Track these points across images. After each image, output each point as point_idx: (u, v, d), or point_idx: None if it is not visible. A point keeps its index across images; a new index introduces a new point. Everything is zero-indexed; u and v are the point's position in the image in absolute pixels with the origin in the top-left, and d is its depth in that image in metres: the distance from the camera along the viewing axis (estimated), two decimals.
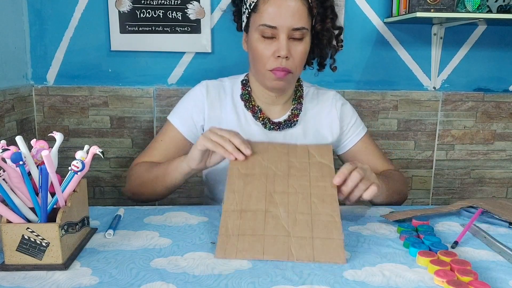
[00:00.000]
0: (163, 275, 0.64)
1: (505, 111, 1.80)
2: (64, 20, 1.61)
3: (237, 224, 0.73)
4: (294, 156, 0.86)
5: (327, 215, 0.75)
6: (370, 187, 0.81)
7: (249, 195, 0.78)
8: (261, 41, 0.95)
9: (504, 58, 1.75)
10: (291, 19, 0.92)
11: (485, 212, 0.88)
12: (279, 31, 0.93)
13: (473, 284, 0.60)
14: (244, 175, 0.81)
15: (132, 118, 1.71)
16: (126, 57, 1.66)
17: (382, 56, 1.72)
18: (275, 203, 0.77)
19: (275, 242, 0.71)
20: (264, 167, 0.83)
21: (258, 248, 0.70)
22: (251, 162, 0.83)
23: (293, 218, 0.74)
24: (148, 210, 0.92)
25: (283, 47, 0.93)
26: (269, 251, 0.69)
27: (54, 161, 0.70)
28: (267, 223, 0.73)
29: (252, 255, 0.69)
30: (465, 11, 1.49)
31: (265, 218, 0.74)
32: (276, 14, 0.92)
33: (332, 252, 0.69)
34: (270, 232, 0.72)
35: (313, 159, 0.85)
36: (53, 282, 0.62)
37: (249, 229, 0.73)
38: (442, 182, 1.85)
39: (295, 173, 0.82)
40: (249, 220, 0.74)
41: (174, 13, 1.61)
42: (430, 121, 1.78)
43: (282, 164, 0.84)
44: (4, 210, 0.65)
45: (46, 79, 1.66)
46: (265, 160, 0.84)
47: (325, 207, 0.76)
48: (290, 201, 0.77)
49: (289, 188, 0.79)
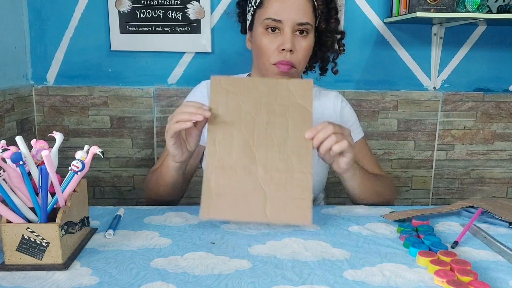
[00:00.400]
0: (163, 275, 0.64)
1: (505, 111, 1.80)
2: (64, 20, 1.61)
3: (219, 183, 0.79)
4: (274, 96, 0.84)
5: (301, 172, 0.80)
6: (342, 140, 0.80)
7: (229, 149, 0.81)
8: (265, 35, 0.96)
9: (504, 58, 1.75)
10: (296, 14, 0.93)
11: (485, 212, 0.88)
12: (284, 25, 0.94)
13: (473, 284, 0.60)
14: (224, 123, 0.82)
15: (132, 118, 1.71)
16: (126, 57, 1.66)
17: (382, 56, 1.72)
18: (253, 159, 0.81)
19: (253, 203, 0.79)
20: (243, 113, 0.83)
21: (237, 210, 0.78)
22: (231, 107, 0.83)
23: (270, 176, 0.80)
24: (148, 210, 0.92)
25: (287, 40, 0.93)
26: (247, 213, 0.78)
27: (54, 161, 0.70)
28: (246, 183, 0.79)
29: (233, 216, 0.79)
30: (465, 11, 1.49)
31: (244, 176, 0.80)
32: (282, 8, 0.94)
33: (300, 213, 0.78)
34: (248, 192, 0.79)
35: (293, 100, 0.84)
36: (53, 282, 0.62)
37: (230, 189, 0.79)
38: (442, 182, 1.85)
39: (274, 121, 0.83)
40: (230, 178, 0.80)
41: (174, 13, 1.61)
42: (430, 121, 1.78)
43: (261, 109, 0.83)
44: (4, 210, 0.65)
45: (46, 79, 1.66)
46: (244, 104, 0.83)
47: (300, 162, 0.80)
48: (268, 158, 0.81)
49: (268, 140, 0.82)
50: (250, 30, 1.04)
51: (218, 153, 0.81)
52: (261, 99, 0.84)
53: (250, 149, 0.81)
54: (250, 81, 0.87)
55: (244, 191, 0.79)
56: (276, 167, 0.80)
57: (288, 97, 0.84)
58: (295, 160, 0.80)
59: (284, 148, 0.81)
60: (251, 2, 1.00)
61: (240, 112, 0.83)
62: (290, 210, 0.78)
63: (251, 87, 0.85)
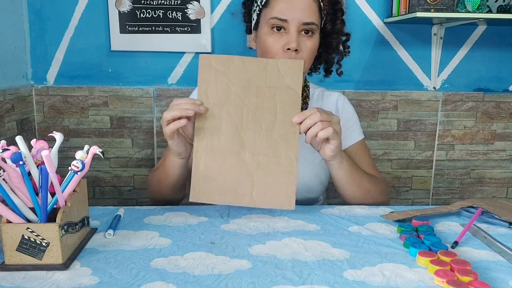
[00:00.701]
0: (163, 275, 0.64)
1: (505, 111, 1.80)
2: (64, 20, 1.61)
3: (208, 167, 0.83)
4: (263, 77, 0.84)
5: (287, 157, 0.83)
6: (327, 127, 0.82)
7: (218, 132, 0.83)
8: (270, 34, 0.96)
9: (504, 58, 1.75)
10: (301, 13, 0.94)
11: (485, 212, 0.88)
12: (290, 24, 0.94)
13: (473, 284, 0.60)
14: (213, 104, 0.83)
15: (132, 118, 1.71)
16: (126, 57, 1.66)
17: (382, 56, 1.72)
18: (242, 144, 0.83)
19: (240, 188, 0.83)
20: (232, 95, 0.84)
21: (226, 194, 0.83)
22: (220, 89, 0.83)
23: (257, 161, 0.83)
24: (148, 210, 0.92)
25: (293, 39, 0.93)
26: (234, 198, 0.83)
27: (54, 161, 0.70)
28: (234, 167, 0.83)
29: (221, 200, 0.84)
30: (465, 11, 1.49)
31: (233, 161, 0.83)
32: (287, 8, 0.94)
33: (285, 198, 0.82)
34: (236, 177, 0.83)
35: (282, 82, 0.84)
36: (53, 282, 0.62)
37: (219, 173, 0.83)
38: (442, 182, 1.85)
39: (263, 104, 0.84)
40: (218, 161, 0.83)
41: (174, 13, 1.61)
42: (430, 121, 1.78)
43: (250, 92, 0.84)
44: (4, 210, 0.65)
45: (46, 79, 1.66)
46: (234, 85, 0.83)
47: (287, 147, 0.83)
48: (256, 142, 0.83)
49: (256, 124, 0.83)
50: (255, 29, 1.04)
51: (207, 136, 0.83)
52: (251, 81, 0.84)
53: (238, 133, 0.83)
54: (241, 61, 0.84)
55: (232, 176, 0.83)
56: (263, 152, 0.83)
57: (278, 78, 0.84)
58: (282, 145, 0.83)
59: (271, 132, 0.83)
60: (257, 1, 1.00)
61: (229, 94, 0.83)
62: (275, 194, 0.83)
63: (241, 67, 0.84)
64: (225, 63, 0.83)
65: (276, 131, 0.83)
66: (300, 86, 0.83)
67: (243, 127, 0.83)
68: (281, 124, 0.83)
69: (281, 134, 0.83)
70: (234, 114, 0.83)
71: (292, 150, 0.83)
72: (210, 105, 0.83)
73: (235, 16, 1.15)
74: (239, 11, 1.11)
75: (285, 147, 0.83)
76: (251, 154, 0.83)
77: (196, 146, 0.83)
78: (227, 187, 0.83)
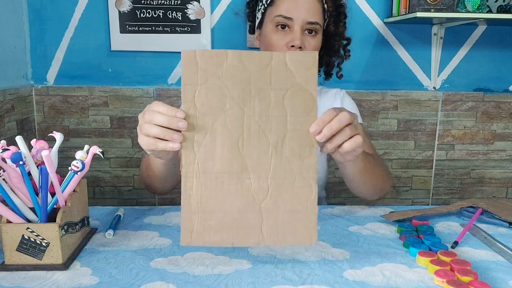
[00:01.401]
0: (163, 275, 0.64)
1: (505, 111, 1.80)
2: (64, 20, 1.61)
3: (201, 197, 0.64)
4: (267, 77, 0.64)
5: (303, 179, 0.65)
6: (355, 136, 0.66)
7: (212, 152, 0.64)
8: (275, 32, 0.97)
9: (504, 58, 1.75)
10: (306, 12, 0.95)
11: (485, 212, 0.88)
12: (294, 23, 0.95)
13: (473, 284, 0.60)
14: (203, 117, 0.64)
15: (132, 118, 1.71)
16: (126, 57, 1.66)
17: (382, 56, 1.72)
18: (243, 165, 0.64)
19: (245, 223, 0.64)
20: (228, 103, 0.64)
21: (226, 233, 0.64)
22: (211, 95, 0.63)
23: (264, 186, 0.65)
24: (148, 210, 0.92)
25: (297, 37, 0.94)
26: (238, 236, 0.64)
27: (54, 161, 0.70)
28: (236, 196, 0.64)
29: (221, 241, 0.64)
30: (465, 11, 1.49)
31: (233, 187, 0.64)
32: (292, 6, 0.95)
33: (303, 232, 0.64)
34: (238, 209, 0.64)
35: (292, 81, 0.64)
36: (53, 282, 0.62)
37: (215, 205, 0.64)
38: (442, 182, 1.85)
39: (268, 112, 0.64)
40: (214, 189, 0.64)
41: (174, 13, 1.61)
42: (430, 121, 1.78)
43: (251, 96, 0.64)
44: (4, 210, 0.65)
45: (46, 79, 1.66)
46: (229, 90, 0.64)
47: (303, 166, 0.65)
48: (261, 162, 0.64)
49: (261, 139, 0.64)
50: (259, 28, 1.05)
51: (198, 157, 0.64)
52: (251, 82, 0.64)
53: (238, 152, 0.64)
54: (236, 57, 0.64)
55: (233, 208, 0.64)
56: (272, 175, 0.65)
57: (286, 77, 0.64)
58: (296, 164, 0.65)
59: (281, 149, 0.65)
60: (262, 0, 1.02)
61: (223, 102, 0.64)
62: (291, 228, 0.65)
63: (238, 65, 0.64)
64: (216, 61, 0.63)
65: (287, 146, 0.64)
66: (315, 85, 0.64)
67: (244, 143, 0.64)
68: (293, 137, 0.64)
69: (294, 149, 0.64)
70: (232, 127, 0.64)
71: (309, 169, 0.64)
72: (199, 116, 0.63)
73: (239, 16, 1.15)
74: (242, 11, 1.12)
75: (299, 166, 0.65)
76: (256, 177, 0.64)
77: (184, 170, 0.64)
78: (228, 223, 0.64)
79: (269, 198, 0.65)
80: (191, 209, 0.64)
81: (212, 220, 0.64)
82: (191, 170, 0.64)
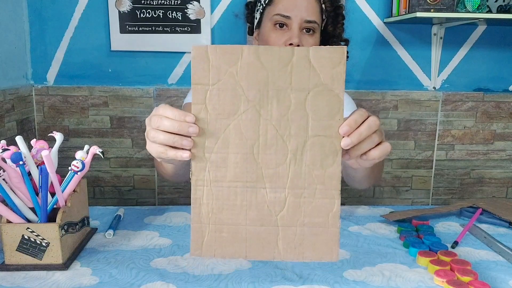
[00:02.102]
0: (163, 275, 0.64)
1: (505, 111, 1.80)
2: (64, 20, 1.61)
3: (212, 207, 0.60)
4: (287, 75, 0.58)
5: (325, 191, 0.60)
6: (383, 143, 0.62)
7: (224, 159, 0.59)
8: (273, 31, 0.98)
9: (504, 58, 1.75)
10: (304, 11, 0.96)
11: (485, 212, 0.88)
12: (292, 21, 0.96)
13: (473, 284, 0.60)
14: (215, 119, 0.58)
15: (132, 118, 1.71)
16: (126, 57, 1.66)
17: (382, 56, 1.72)
18: (259, 174, 0.60)
19: (259, 236, 0.60)
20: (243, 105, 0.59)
21: (239, 245, 0.60)
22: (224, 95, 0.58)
23: (282, 198, 0.60)
24: (148, 210, 0.92)
25: (295, 35, 0.95)
26: (252, 249, 0.60)
27: (54, 161, 0.70)
28: (250, 207, 0.60)
29: (233, 254, 0.60)
30: (465, 11, 1.49)
31: (247, 197, 0.60)
32: (291, 5, 0.96)
33: (324, 247, 0.60)
34: (252, 221, 0.60)
35: (316, 80, 0.58)
36: (53, 282, 0.62)
37: (227, 217, 0.60)
38: (442, 182, 1.85)
39: (288, 116, 0.59)
40: (226, 200, 0.60)
41: (174, 13, 1.61)
42: (430, 121, 1.78)
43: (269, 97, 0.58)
44: (4, 210, 0.65)
45: (46, 79, 1.66)
46: (244, 90, 0.58)
47: (325, 177, 0.59)
48: (279, 171, 0.59)
49: (278, 145, 0.59)
50: (257, 28, 1.06)
51: (209, 165, 0.59)
52: (269, 82, 0.58)
53: (253, 159, 0.59)
54: (253, 52, 0.57)
55: (247, 219, 0.60)
56: (290, 185, 0.60)
57: (309, 76, 0.58)
58: (317, 173, 0.59)
59: (301, 157, 0.59)
60: (261, 0, 1.02)
61: (238, 104, 0.58)
62: (310, 244, 0.60)
63: (254, 63, 0.58)
64: (230, 57, 0.57)
65: (308, 153, 0.59)
66: (342, 85, 0.58)
67: (260, 150, 0.59)
68: (315, 144, 0.59)
69: (316, 157, 0.59)
70: (246, 131, 0.59)
71: (332, 179, 0.59)
72: (211, 120, 0.58)
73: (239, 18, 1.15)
74: (242, 13, 1.12)
75: (321, 175, 0.59)
76: (273, 188, 0.60)
77: (194, 178, 0.59)
78: (241, 235, 0.60)
79: (286, 210, 0.60)
80: (202, 220, 0.60)
81: (224, 232, 0.60)
82: (201, 178, 0.59)
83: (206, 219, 0.60)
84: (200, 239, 0.60)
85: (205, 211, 0.60)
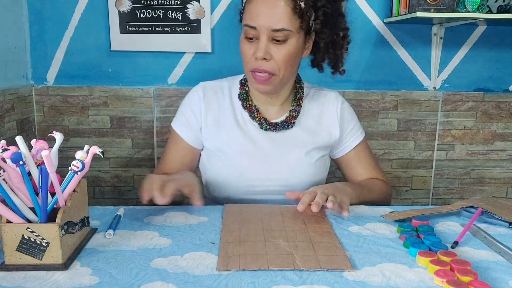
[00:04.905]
0: (163, 275, 0.64)
1: (505, 111, 1.80)
2: (64, 20, 1.61)
3: (238, 249, 0.72)
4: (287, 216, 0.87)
5: (328, 243, 0.75)
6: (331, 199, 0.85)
7: (246, 232, 0.78)
8: (245, 42, 0.96)
9: (504, 58, 1.75)
10: (270, 20, 0.90)
11: (485, 212, 0.88)
12: (259, 32, 0.92)
13: (473, 284, 0.60)
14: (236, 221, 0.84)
15: (132, 118, 1.71)
16: (126, 57, 1.66)
17: (382, 56, 1.72)
18: (273, 237, 0.77)
19: (279, 257, 0.69)
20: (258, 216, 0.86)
21: (262, 259, 0.68)
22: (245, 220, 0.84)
23: (294, 244, 0.74)
24: (148, 210, 0.92)
25: (260, 48, 0.92)
26: (273, 262, 0.68)
27: (54, 161, 0.70)
28: (268, 247, 0.72)
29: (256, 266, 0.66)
30: (465, 11, 1.49)
31: (265, 245, 0.73)
32: (257, 14, 0.91)
33: (337, 260, 0.69)
34: (272, 252, 0.71)
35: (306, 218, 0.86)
36: (53, 282, 0.62)
37: (250, 252, 0.71)
38: (442, 182, 1.85)
39: (290, 220, 0.85)
40: (249, 247, 0.73)
41: (174, 13, 1.61)
42: (430, 121, 1.78)
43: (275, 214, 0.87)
44: (4, 210, 0.65)
45: (46, 79, 1.66)
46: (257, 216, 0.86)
47: (324, 238, 0.77)
48: (288, 236, 0.77)
49: (286, 227, 0.81)
50: None
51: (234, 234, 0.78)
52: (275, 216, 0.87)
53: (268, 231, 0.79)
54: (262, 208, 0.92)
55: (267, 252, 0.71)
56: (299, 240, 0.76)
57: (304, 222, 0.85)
58: (318, 237, 0.77)
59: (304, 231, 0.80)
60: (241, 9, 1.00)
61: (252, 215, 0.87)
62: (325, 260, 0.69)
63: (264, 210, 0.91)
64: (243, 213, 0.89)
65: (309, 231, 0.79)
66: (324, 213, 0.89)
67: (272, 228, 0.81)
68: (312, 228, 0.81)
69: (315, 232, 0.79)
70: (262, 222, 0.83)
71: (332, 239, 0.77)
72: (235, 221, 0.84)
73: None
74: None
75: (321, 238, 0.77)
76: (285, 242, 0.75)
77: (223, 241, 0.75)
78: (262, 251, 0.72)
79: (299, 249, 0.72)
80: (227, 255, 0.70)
81: (248, 248, 0.72)
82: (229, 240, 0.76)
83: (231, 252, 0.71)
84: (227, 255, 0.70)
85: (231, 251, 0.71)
